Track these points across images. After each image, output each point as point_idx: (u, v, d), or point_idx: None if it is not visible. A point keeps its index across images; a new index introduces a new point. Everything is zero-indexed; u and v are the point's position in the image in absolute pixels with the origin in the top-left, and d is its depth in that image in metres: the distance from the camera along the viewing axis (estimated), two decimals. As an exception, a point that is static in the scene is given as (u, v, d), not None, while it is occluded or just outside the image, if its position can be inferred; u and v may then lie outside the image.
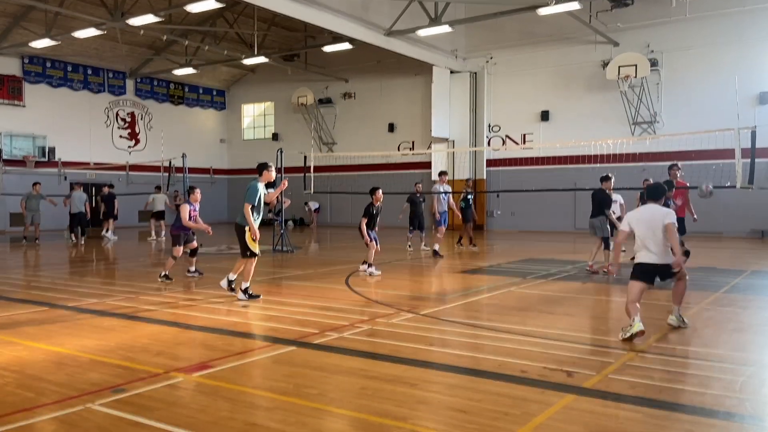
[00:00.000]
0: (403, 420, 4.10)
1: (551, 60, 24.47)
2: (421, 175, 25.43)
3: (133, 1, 21.14)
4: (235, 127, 34.83)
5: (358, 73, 29.35)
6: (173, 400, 4.52)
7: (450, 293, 9.54)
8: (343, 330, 6.78)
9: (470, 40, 25.96)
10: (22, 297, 9.22)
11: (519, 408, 4.31)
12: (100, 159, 27.78)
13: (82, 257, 16.06)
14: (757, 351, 6.22)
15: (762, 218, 20.76)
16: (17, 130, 25.41)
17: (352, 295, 9.24)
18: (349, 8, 20.33)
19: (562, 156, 21.94)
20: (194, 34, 26.81)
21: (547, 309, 8.24)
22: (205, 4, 18.23)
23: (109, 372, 5.19)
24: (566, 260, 13.96)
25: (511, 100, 25.53)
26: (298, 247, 17.46)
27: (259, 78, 33.15)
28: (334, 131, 30.48)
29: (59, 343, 6.24)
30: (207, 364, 5.44)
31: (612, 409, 4.29)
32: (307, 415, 4.21)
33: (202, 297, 9.13)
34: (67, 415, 4.19)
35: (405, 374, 5.13)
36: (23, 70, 25.79)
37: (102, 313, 7.91)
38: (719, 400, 4.49)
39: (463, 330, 6.90)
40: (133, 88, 30.21)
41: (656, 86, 22.36)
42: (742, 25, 21.01)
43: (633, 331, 6.21)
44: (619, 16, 22.37)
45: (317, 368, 5.31)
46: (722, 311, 7.93)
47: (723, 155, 17.01)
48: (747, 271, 11.92)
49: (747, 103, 20.28)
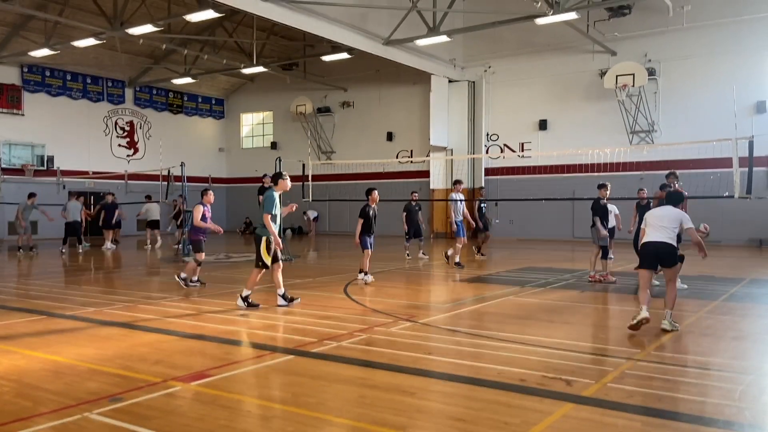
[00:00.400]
0: (402, 429, 4.09)
1: (549, 69, 24.57)
2: (419, 183, 25.46)
3: (132, 11, 21.21)
4: (234, 135, 34.88)
5: (357, 82, 29.45)
6: (171, 409, 4.50)
7: (448, 302, 9.53)
8: (341, 339, 6.76)
9: (468, 50, 26.07)
10: (19, 306, 9.20)
11: (518, 417, 4.30)
12: (98, 168, 27.78)
13: (80, 266, 16.03)
14: (756, 359, 6.22)
15: (760, 227, 20.78)
16: (16, 138, 25.42)
17: (351, 304, 9.23)
18: (348, 18, 20.42)
19: (560, 165, 21.98)
20: (193, 43, 26.90)
21: (546, 318, 8.23)
22: (204, 13, 18.30)
23: (107, 381, 5.18)
24: (565, 269, 13.95)
25: (509, 109, 25.61)
26: (296, 256, 17.45)
27: (258, 87, 33.24)
28: (333, 140, 30.53)
29: (57, 352, 6.23)
30: (205, 372, 5.43)
31: (611, 418, 4.28)
32: (305, 424, 4.19)
33: (200, 306, 9.11)
34: (65, 424, 4.18)
35: (403, 383, 5.12)
36: (22, 79, 25.84)
37: (100, 322, 7.89)
38: (718, 409, 4.49)
39: (462, 338, 6.89)
40: (132, 97, 30.27)
41: (654, 95, 22.44)
42: (739, 34, 21.12)
43: (639, 317, 6.87)
44: (616, 26, 22.48)
45: (315, 377, 5.30)
46: (721, 320, 7.92)
47: (721, 164, 17.07)
48: (745, 280, 11.93)
49: (744, 113, 20.35)
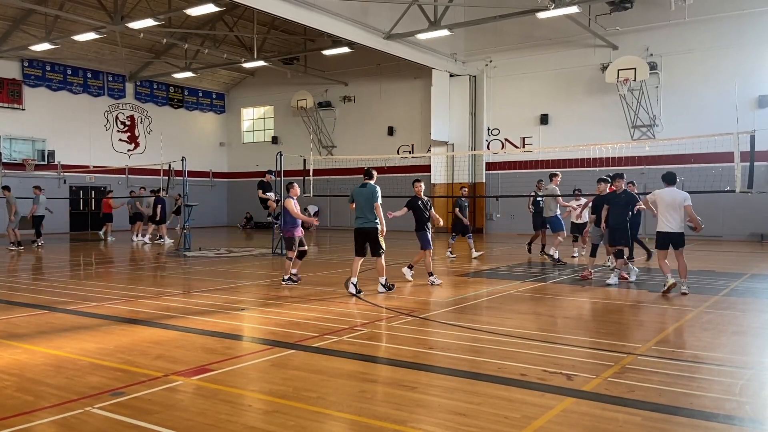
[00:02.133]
0: (403, 423, 4.10)
1: (550, 63, 24.51)
2: (420, 178, 25.36)
3: (132, 5, 21.18)
4: (235, 130, 34.86)
5: (358, 77, 29.40)
6: (172, 404, 4.51)
7: (449, 296, 9.53)
8: (342, 333, 6.77)
9: (470, 44, 26.00)
10: (21, 300, 9.21)
11: (519, 411, 4.31)
12: (99, 162, 27.80)
13: (84, 261, 16.05)
14: (756, 354, 6.22)
15: (761, 221, 20.77)
16: (17, 133, 25.43)
17: (351, 299, 9.24)
18: (349, 12, 20.36)
19: (561, 159, 21.96)
20: (194, 37, 26.85)
21: (547, 312, 8.24)
22: (204, 7, 18.25)
23: (109, 375, 5.19)
24: (565, 264, 13.94)
25: (510, 103, 25.57)
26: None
27: (258, 81, 33.19)
28: (334, 134, 30.50)
29: (58, 346, 6.24)
30: (206, 367, 5.44)
31: (611, 413, 4.29)
32: (306, 419, 4.20)
33: (201, 301, 9.12)
34: (66, 419, 4.19)
35: (404, 377, 5.13)
36: (23, 73, 25.82)
37: (101, 316, 7.90)
38: (719, 403, 4.49)
39: (463, 333, 6.90)
40: (133, 91, 30.25)
41: (655, 90, 22.40)
42: (741, 28, 21.05)
43: (668, 284, 9.20)
44: (618, 20, 22.41)
45: (316, 371, 5.31)
46: (721, 314, 7.92)
47: (722, 159, 17.05)
48: (746, 275, 11.92)
49: (746, 107, 20.31)
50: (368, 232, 9.55)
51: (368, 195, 9.49)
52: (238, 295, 9.58)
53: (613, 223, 10.57)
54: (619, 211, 10.50)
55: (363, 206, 9.54)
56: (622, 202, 10.50)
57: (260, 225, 30.92)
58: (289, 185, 11.01)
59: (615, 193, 10.76)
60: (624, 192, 10.64)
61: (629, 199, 10.51)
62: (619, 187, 10.72)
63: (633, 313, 8.21)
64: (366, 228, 9.56)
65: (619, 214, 10.50)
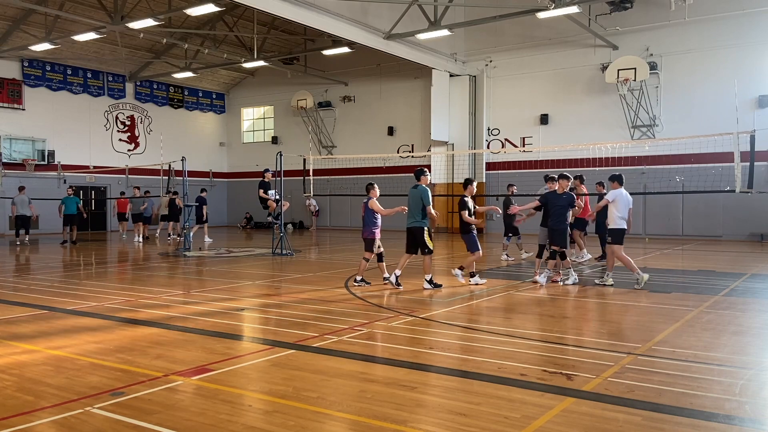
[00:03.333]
0: (403, 423, 4.10)
1: (550, 63, 24.52)
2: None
3: (132, 5, 21.18)
4: (235, 130, 34.87)
5: (358, 77, 29.40)
6: (172, 404, 4.51)
7: (449, 296, 9.53)
8: (342, 333, 6.77)
9: (470, 44, 26.01)
10: (20, 300, 9.21)
11: (518, 411, 4.31)
12: (99, 162, 27.81)
13: (83, 260, 16.04)
14: (756, 354, 6.22)
15: (761, 221, 20.76)
16: (17, 133, 25.43)
17: (351, 299, 9.24)
18: (349, 12, 20.36)
19: (561, 159, 21.95)
20: (194, 37, 26.86)
21: (546, 312, 8.24)
22: (204, 7, 18.25)
23: (108, 375, 5.19)
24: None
25: (510, 103, 25.57)
26: (297, 250, 17.45)
27: (258, 81, 33.20)
28: (334, 134, 30.51)
29: (58, 346, 6.24)
30: (206, 367, 5.44)
31: (611, 413, 4.29)
32: (306, 419, 4.20)
33: (201, 300, 9.12)
34: (66, 419, 4.19)
35: (404, 377, 5.13)
36: (23, 73, 25.82)
37: (101, 316, 7.91)
38: (719, 403, 4.49)
39: (463, 333, 6.90)
40: (133, 91, 30.26)
41: (655, 89, 22.40)
42: (741, 28, 21.05)
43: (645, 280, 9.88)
44: (618, 20, 22.41)
45: (316, 371, 5.31)
46: (721, 314, 7.92)
47: (722, 159, 17.06)
48: (746, 274, 11.91)
49: (746, 107, 20.32)
50: (414, 232, 9.99)
51: (417, 197, 9.89)
52: (238, 295, 9.58)
53: (551, 224, 10.42)
54: (558, 212, 10.34)
55: (412, 207, 9.98)
56: (563, 203, 10.36)
57: (260, 225, 30.93)
58: (371, 185, 10.76)
59: (555, 193, 10.53)
60: (565, 193, 10.44)
61: (570, 200, 10.40)
62: (564, 187, 10.47)
63: (633, 313, 8.20)
64: (413, 227, 10.01)
65: (558, 215, 10.34)
